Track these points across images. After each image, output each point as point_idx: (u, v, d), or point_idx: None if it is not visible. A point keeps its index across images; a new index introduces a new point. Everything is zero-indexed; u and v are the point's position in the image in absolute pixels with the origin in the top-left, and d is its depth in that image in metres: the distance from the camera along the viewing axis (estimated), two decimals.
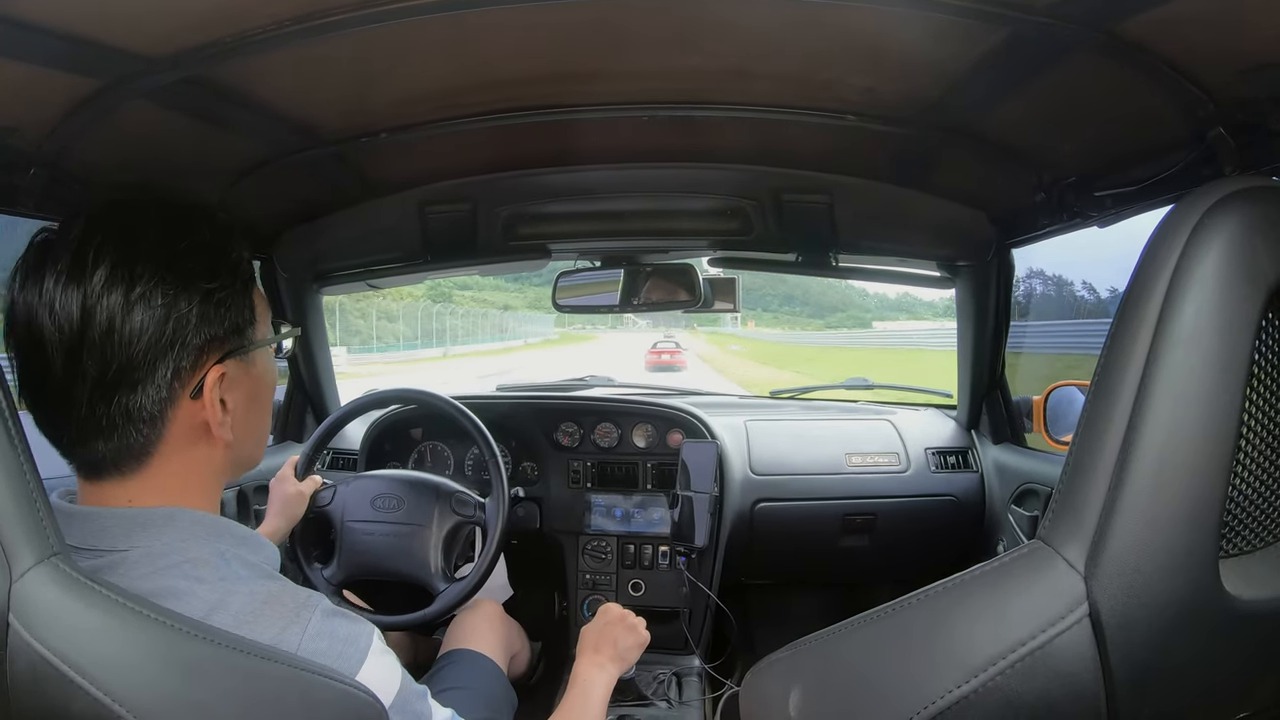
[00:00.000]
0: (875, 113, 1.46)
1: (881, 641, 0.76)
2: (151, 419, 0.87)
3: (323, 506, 1.89)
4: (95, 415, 0.84)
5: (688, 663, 2.32)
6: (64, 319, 0.82)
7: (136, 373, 0.84)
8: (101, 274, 0.82)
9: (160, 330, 0.84)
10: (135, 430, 0.86)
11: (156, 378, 0.86)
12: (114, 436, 0.86)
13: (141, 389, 0.85)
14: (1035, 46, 1.09)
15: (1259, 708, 0.74)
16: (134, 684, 0.72)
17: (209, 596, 0.85)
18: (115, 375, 0.84)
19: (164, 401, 0.87)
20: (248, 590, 0.88)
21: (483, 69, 1.31)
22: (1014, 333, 2.24)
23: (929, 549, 2.44)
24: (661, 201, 2.10)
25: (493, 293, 74.45)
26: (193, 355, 0.88)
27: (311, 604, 0.90)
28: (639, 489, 2.47)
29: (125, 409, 0.85)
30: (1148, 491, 0.64)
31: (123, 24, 0.95)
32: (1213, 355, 0.64)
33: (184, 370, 0.87)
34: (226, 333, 0.91)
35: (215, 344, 0.90)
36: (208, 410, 0.90)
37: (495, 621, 1.97)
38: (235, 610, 0.85)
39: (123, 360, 0.83)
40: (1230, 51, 0.98)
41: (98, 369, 0.83)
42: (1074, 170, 1.51)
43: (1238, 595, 0.67)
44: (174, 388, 0.87)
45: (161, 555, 0.86)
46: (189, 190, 1.54)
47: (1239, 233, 0.65)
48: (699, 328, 72.96)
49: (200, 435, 0.91)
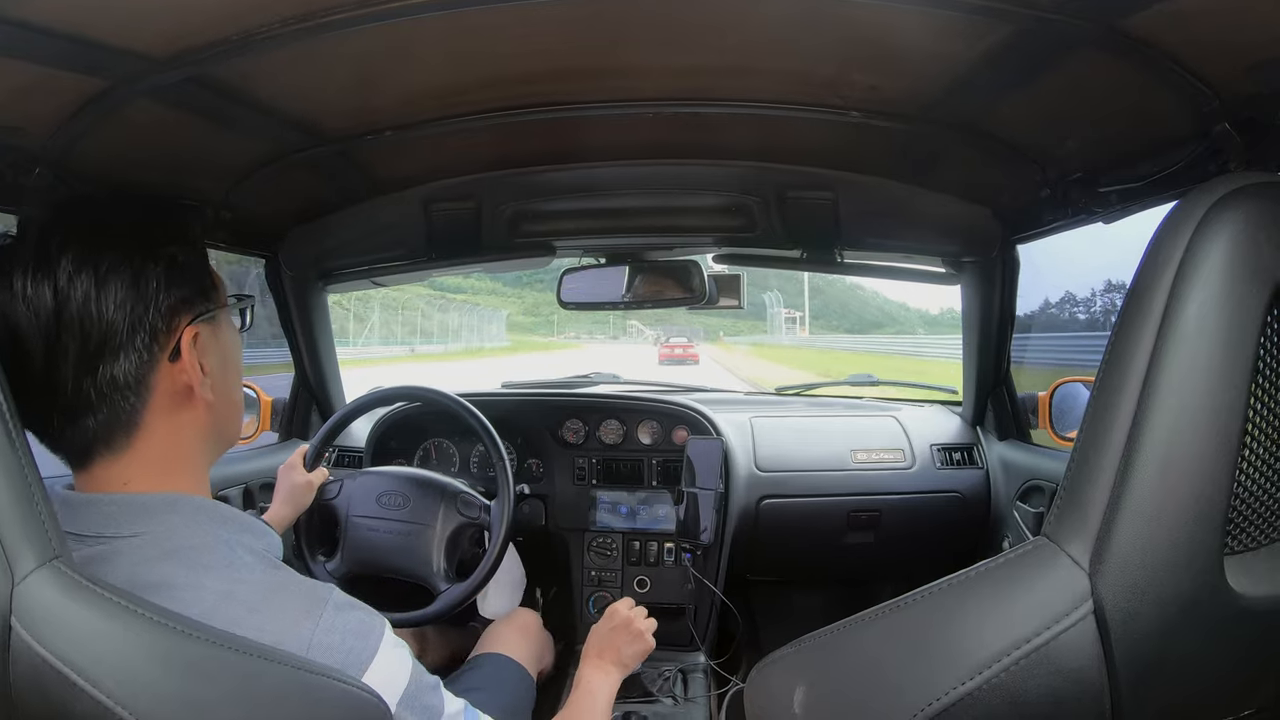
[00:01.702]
0: (879, 109, 1.46)
1: (886, 638, 0.76)
2: (136, 385, 0.90)
3: (329, 499, 1.90)
4: (82, 390, 0.87)
5: (693, 659, 2.32)
6: (38, 306, 0.85)
7: (116, 339, 0.88)
8: (67, 260, 0.85)
9: (133, 296, 0.88)
10: (122, 399, 0.89)
11: (136, 342, 0.89)
12: (102, 408, 0.89)
13: (124, 355, 0.89)
14: (1040, 42, 1.08)
15: (1263, 704, 0.74)
16: (136, 686, 0.72)
17: (216, 586, 0.86)
18: (96, 346, 0.87)
19: (145, 365, 0.90)
20: (255, 579, 0.89)
21: (485, 67, 1.31)
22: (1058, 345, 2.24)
23: (934, 545, 2.44)
24: (665, 198, 2.09)
25: (488, 297, 73.43)
26: (165, 317, 0.91)
27: (323, 597, 0.91)
28: (644, 486, 2.47)
29: (110, 377, 0.88)
30: (1152, 488, 0.64)
31: (127, 24, 0.96)
32: (1217, 351, 0.64)
33: (160, 333, 0.91)
34: (194, 295, 0.96)
35: (185, 306, 0.94)
36: (188, 370, 0.93)
37: (531, 631, 2.01)
38: (243, 599, 0.86)
39: (102, 329, 0.87)
40: (1237, 47, 0.97)
41: (79, 344, 0.86)
42: (1079, 166, 1.51)
43: (1242, 592, 0.67)
44: (153, 350, 0.91)
45: (165, 540, 0.88)
46: (194, 189, 1.55)
47: (1244, 229, 0.65)
48: (725, 338, 70.88)
49: (183, 400, 0.94)
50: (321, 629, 0.88)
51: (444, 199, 2.02)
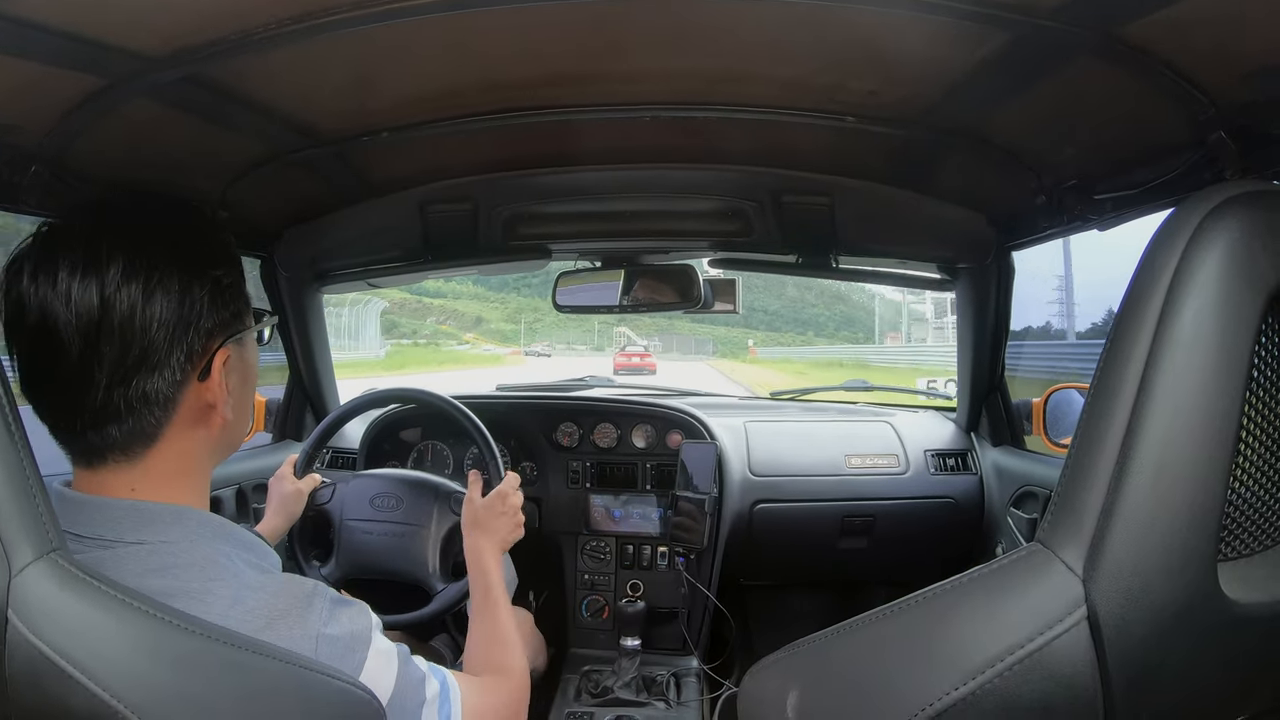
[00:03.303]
0: (876, 115, 1.46)
1: (880, 643, 0.76)
2: (165, 401, 0.90)
3: (322, 505, 1.89)
4: (113, 399, 0.87)
5: (686, 663, 2.33)
6: (83, 309, 0.84)
7: (155, 356, 0.87)
8: (117, 267, 0.85)
9: (177, 315, 0.88)
10: (149, 413, 0.89)
11: (173, 361, 0.89)
12: (129, 420, 0.88)
13: (158, 373, 0.88)
14: (1037, 49, 1.09)
15: (1257, 710, 0.74)
16: (132, 680, 0.72)
17: (225, 593, 0.86)
18: (135, 360, 0.86)
19: (177, 384, 0.90)
20: (259, 585, 0.89)
21: (483, 69, 1.31)
22: None
23: (928, 551, 2.44)
24: (662, 202, 2.10)
25: (469, 302, 71.87)
26: (204, 339, 0.91)
27: (319, 595, 0.92)
28: (638, 489, 2.47)
29: (142, 392, 0.88)
30: (1147, 494, 0.64)
31: (124, 22, 0.95)
32: (1212, 359, 0.64)
33: (195, 354, 0.91)
34: (231, 317, 0.96)
35: (221, 328, 0.94)
36: (216, 391, 0.94)
37: (526, 634, 2.00)
38: (253, 606, 0.86)
39: (143, 344, 0.86)
40: (1233, 55, 0.98)
41: (117, 354, 0.85)
42: (1075, 173, 1.51)
43: (1236, 599, 0.67)
44: (186, 370, 0.91)
45: (168, 551, 0.87)
46: (190, 188, 1.55)
47: (1239, 237, 0.65)
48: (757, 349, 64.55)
49: (202, 417, 0.94)
50: (323, 627, 0.89)
51: (440, 201, 2.02)
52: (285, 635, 0.86)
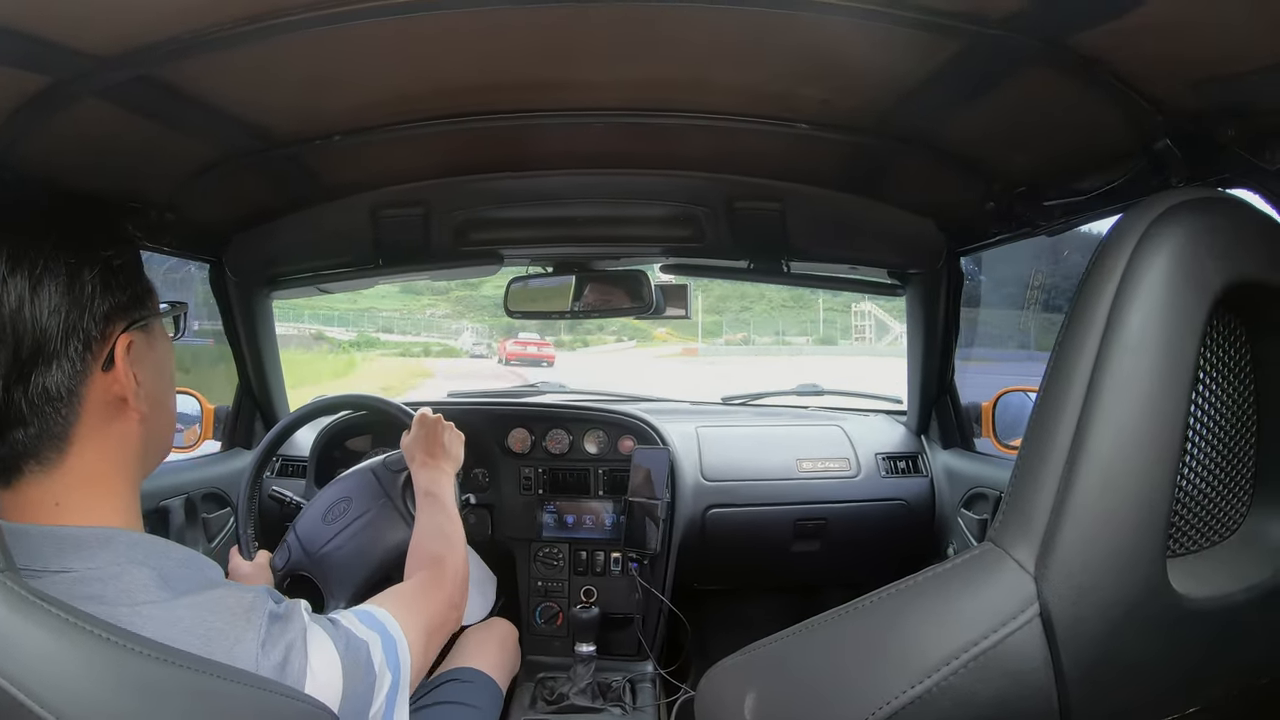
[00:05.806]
0: (829, 122, 1.47)
1: (835, 644, 0.76)
2: (69, 396, 0.87)
3: (284, 568, 1.82)
4: (13, 401, 0.84)
5: (641, 668, 2.32)
6: None
7: (50, 346, 0.85)
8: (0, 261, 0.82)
9: (67, 300, 0.86)
10: (53, 410, 0.86)
11: (70, 351, 0.86)
12: (34, 421, 0.85)
13: (56, 364, 0.85)
14: (987, 59, 1.10)
15: (1208, 703, 0.75)
16: (88, 707, 0.69)
17: (158, 614, 0.83)
18: (30, 353, 0.84)
19: (79, 375, 0.87)
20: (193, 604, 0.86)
21: (437, 74, 1.30)
22: None
23: (880, 553, 2.46)
24: (615, 208, 2.09)
25: (409, 298, 68.73)
26: (100, 324, 0.89)
27: (256, 611, 0.89)
28: (591, 495, 2.47)
29: (43, 388, 0.85)
30: (1096, 493, 0.64)
31: (72, 20, 0.93)
32: (1159, 361, 0.65)
33: (94, 340, 0.88)
34: (129, 301, 0.93)
35: (119, 312, 0.91)
36: (122, 380, 0.91)
37: (508, 644, 2.04)
38: (188, 627, 0.84)
39: (35, 336, 0.84)
40: (1181, 65, 1.00)
41: (11, 350, 0.83)
42: (1024, 180, 1.54)
43: (1186, 594, 0.68)
44: (86, 359, 0.88)
45: (98, 580, 0.84)
46: (138, 189, 1.51)
47: (1185, 242, 0.67)
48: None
49: (115, 412, 0.91)
50: (261, 643, 0.86)
51: (392, 205, 1.99)
52: (224, 652, 0.83)
